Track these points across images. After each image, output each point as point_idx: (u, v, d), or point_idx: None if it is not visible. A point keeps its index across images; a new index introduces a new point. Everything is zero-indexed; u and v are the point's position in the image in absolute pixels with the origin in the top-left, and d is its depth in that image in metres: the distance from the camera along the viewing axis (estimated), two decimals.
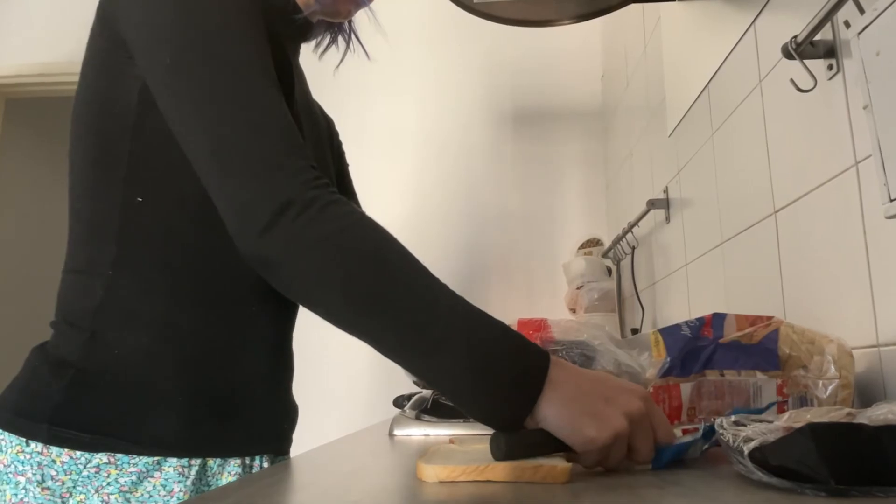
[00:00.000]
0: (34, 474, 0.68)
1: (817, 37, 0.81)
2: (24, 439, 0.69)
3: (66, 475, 0.68)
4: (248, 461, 0.79)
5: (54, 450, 0.68)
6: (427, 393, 1.06)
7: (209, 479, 0.75)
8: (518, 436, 0.55)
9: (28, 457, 0.68)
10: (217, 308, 0.76)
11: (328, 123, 1.05)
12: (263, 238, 0.60)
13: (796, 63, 0.84)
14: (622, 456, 0.55)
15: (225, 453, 0.76)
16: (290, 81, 0.78)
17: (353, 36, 0.97)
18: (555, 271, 2.41)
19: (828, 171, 0.84)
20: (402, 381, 1.18)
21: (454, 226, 2.49)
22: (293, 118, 0.67)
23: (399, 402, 1.14)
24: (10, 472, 0.69)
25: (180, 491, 0.71)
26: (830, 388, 0.68)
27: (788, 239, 0.97)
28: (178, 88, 0.64)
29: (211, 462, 0.75)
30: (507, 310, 2.21)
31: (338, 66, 0.97)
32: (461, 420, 0.95)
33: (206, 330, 0.75)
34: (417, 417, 0.98)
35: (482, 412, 0.57)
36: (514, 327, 0.94)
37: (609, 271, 2.26)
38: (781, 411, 0.68)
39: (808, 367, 0.70)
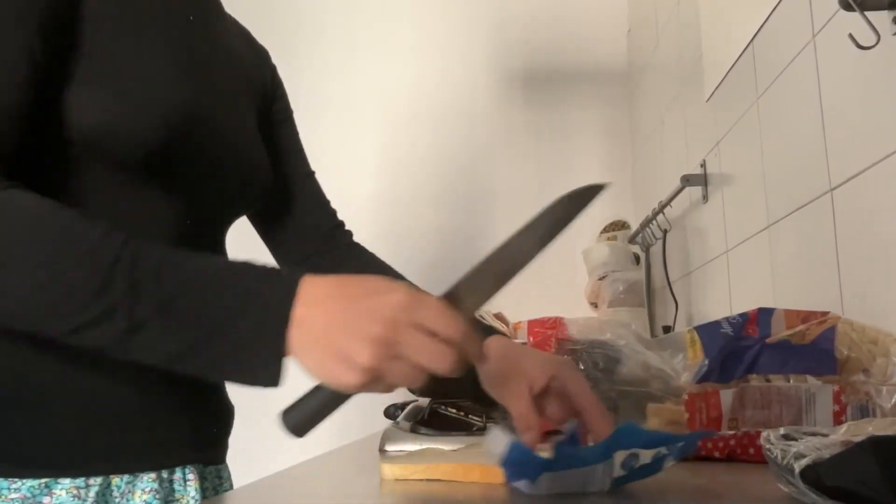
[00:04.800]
0: None
1: None
2: None
3: None
4: (165, 475, 0.77)
5: None
6: (424, 402, 1.06)
7: (115, 499, 0.73)
8: (303, 401, 0.57)
9: None
10: None
11: (259, 62, 0.99)
12: None
13: (856, 15, 0.83)
14: (404, 375, 0.56)
15: (133, 468, 0.74)
16: (152, 13, 0.76)
17: None
18: (573, 260, 2.41)
19: (892, 141, 0.84)
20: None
21: (454, 207, 2.48)
22: (166, 60, 0.67)
23: (391, 412, 1.14)
24: None
25: None
26: None
27: (846, 221, 0.96)
28: None
29: (116, 479, 0.73)
30: (518, 306, 2.20)
31: None
32: (464, 433, 0.95)
33: None
34: (412, 430, 0.98)
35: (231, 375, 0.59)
36: (525, 328, 0.94)
37: (636, 259, 2.26)
38: (838, 422, 0.68)
39: (869, 370, 0.70)
